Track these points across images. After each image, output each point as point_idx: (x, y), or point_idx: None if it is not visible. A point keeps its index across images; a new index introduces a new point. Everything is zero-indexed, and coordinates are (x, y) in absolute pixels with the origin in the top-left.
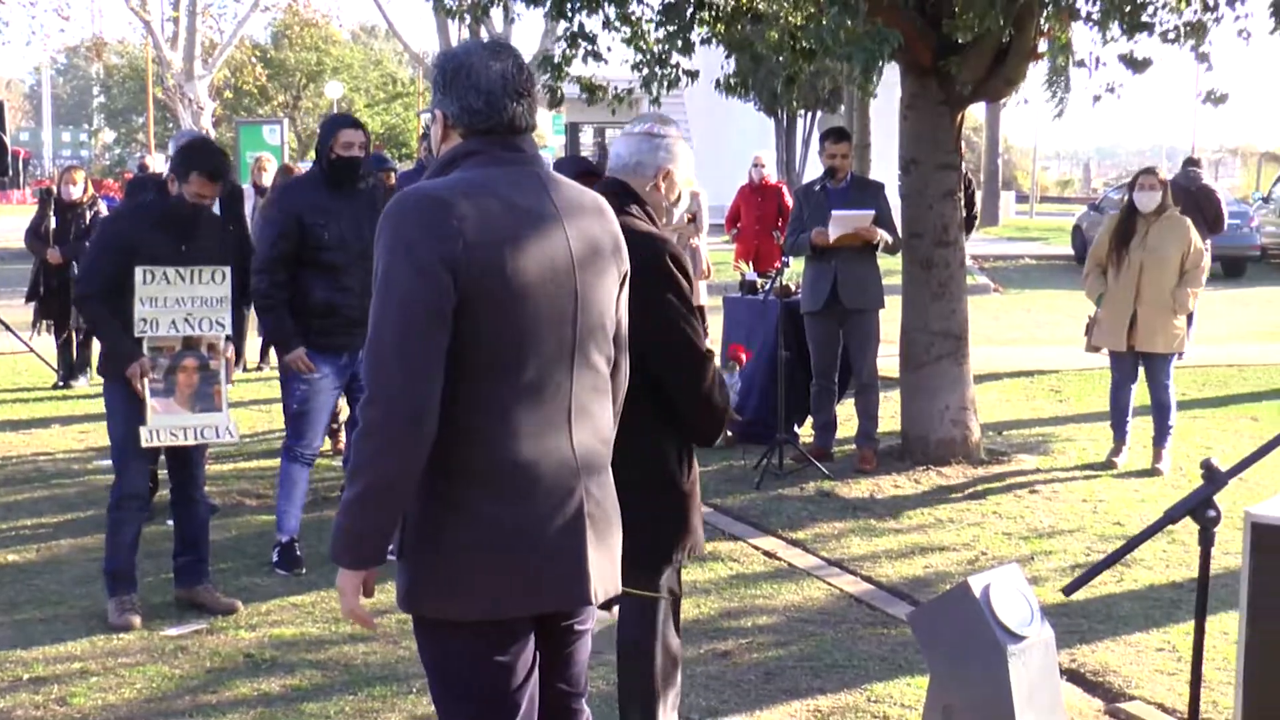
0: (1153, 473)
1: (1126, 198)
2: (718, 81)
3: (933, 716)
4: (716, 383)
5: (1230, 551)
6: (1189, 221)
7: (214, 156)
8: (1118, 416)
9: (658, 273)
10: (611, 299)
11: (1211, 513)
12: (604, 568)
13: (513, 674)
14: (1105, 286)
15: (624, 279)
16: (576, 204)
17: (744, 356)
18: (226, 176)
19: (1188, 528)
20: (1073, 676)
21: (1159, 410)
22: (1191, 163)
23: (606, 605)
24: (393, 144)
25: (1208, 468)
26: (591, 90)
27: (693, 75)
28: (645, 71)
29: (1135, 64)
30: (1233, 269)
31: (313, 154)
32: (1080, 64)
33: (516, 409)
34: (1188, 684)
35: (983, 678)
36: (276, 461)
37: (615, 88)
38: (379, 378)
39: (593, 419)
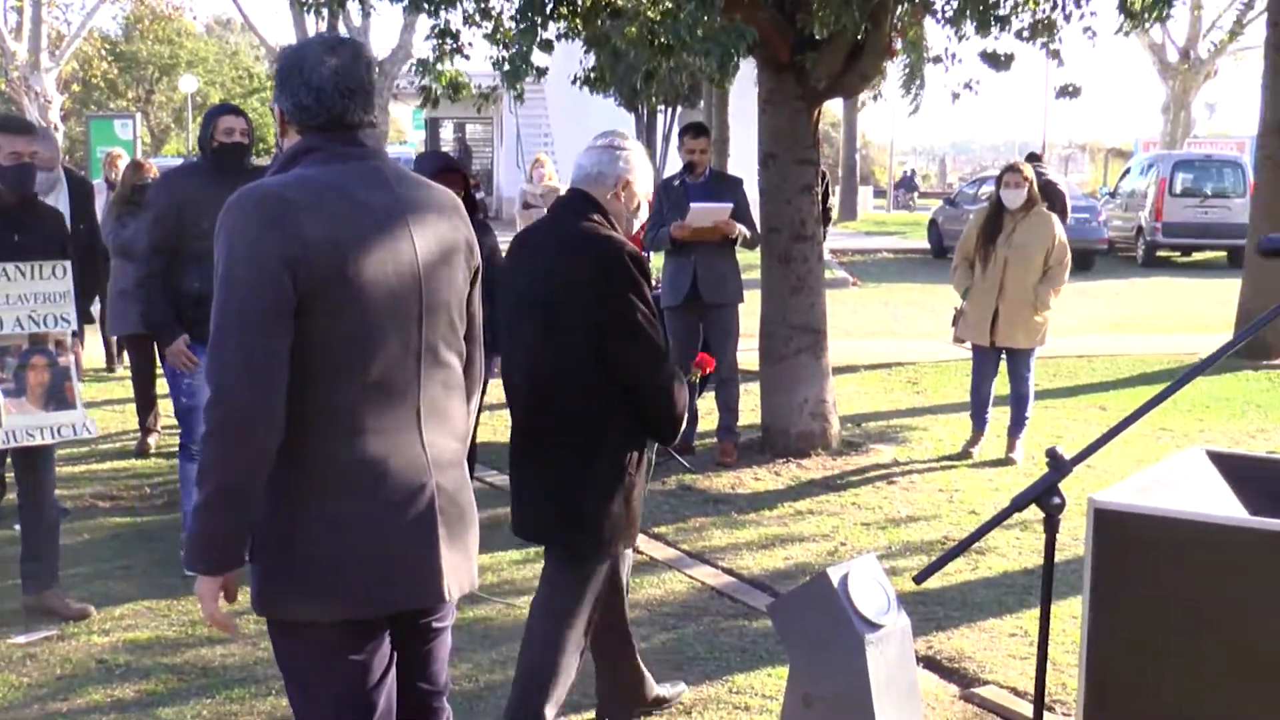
0: (1007, 462)
1: (994, 194)
2: (577, 77)
3: (793, 706)
4: (675, 380)
5: (1080, 538)
6: (1055, 218)
7: (7, 116)
8: (977, 408)
9: (618, 273)
10: (461, 296)
11: (1056, 500)
12: (458, 565)
13: (368, 673)
14: (972, 280)
15: (476, 274)
16: (423, 200)
17: (709, 366)
18: (31, 130)
19: (1039, 515)
20: (929, 663)
21: (1017, 401)
22: (1034, 158)
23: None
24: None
25: (1053, 456)
26: (457, 88)
27: (541, 71)
28: (507, 68)
29: (997, 61)
30: (1081, 262)
31: (168, 149)
32: (937, 60)
33: (363, 408)
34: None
35: (841, 666)
36: (130, 462)
37: (479, 85)
38: (222, 379)
39: (445, 416)
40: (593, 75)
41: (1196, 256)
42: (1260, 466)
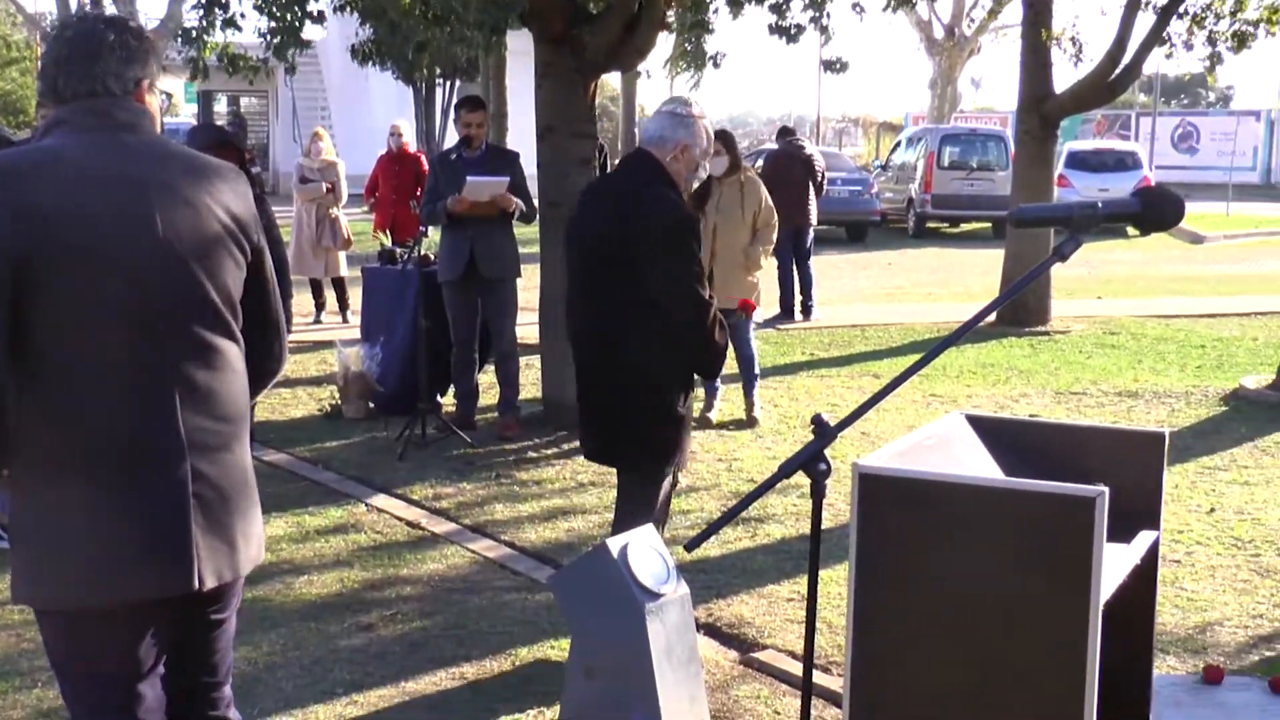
0: (750, 423)
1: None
2: (353, 49)
3: (575, 677)
4: (716, 324)
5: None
6: (760, 182)
7: None
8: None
9: (669, 231)
10: (228, 274)
11: (822, 466)
12: (218, 551)
13: (131, 663)
14: None
15: (257, 254)
16: (177, 174)
17: (751, 309)
18: None
19: None
20: (710, 630)
21: (745, 363)
22: (788, 132)
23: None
24: (8, 111)
25: (818, 423)
26: (234, 61)
27: (305, 44)
28: (277, 40)
29: (786, 34)
30: (855, 234)
31: None
32: (711, 33)
33: (102, 388)
34: (815, 631)
35: (622, 636)
36: None
37: (252, 56)
38: None
39: (209, 400)
40: (369, 48)
41: (964, 227)
42: (1016, 429)
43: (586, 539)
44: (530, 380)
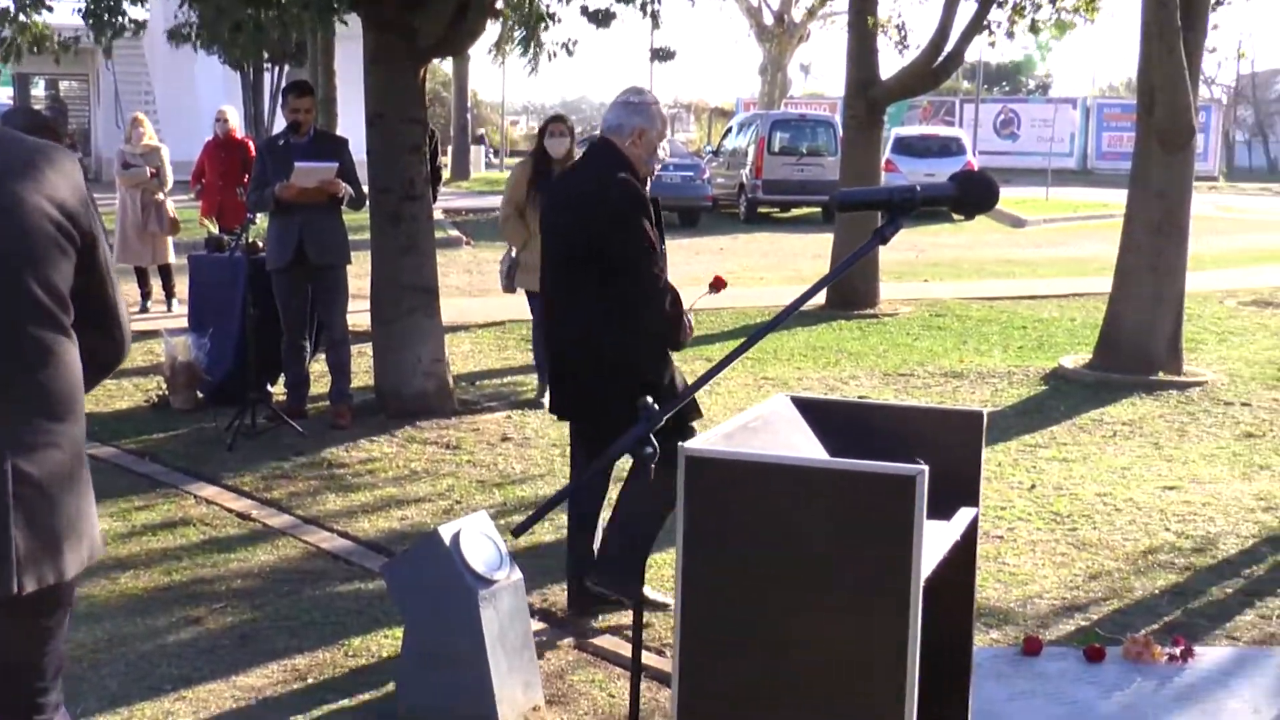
0: None
1: (538, 144)
2: (171, 32)
3: (409, 666)
4: (667, 295)
5: None
6: None
7: None
8: (540, 354)
9: (625, 205)
10: (49, 268)
11: (649, 449)
12: (41, 553)
13: None
14: (526, 230)
15: (82, 238)
16: None
17: (722, 285)
18: None
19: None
20: (544, 615)
21: None
22: None
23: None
24: None
25: (644, 407)
26: (39, 40)
27: (139, 25)
28: (93, 21)
29: (598, 18)
30: (687, 219)
31: None
32: (540, 19)
33: None
34: (649, 613)
35: (456, 623)
36: None
37: (61, 36)
38: None
39: (33, 397)
40: (188, 30)
41: (795, 212)
42: (840, 410)
43: (420, 527)
44: (362, 368)
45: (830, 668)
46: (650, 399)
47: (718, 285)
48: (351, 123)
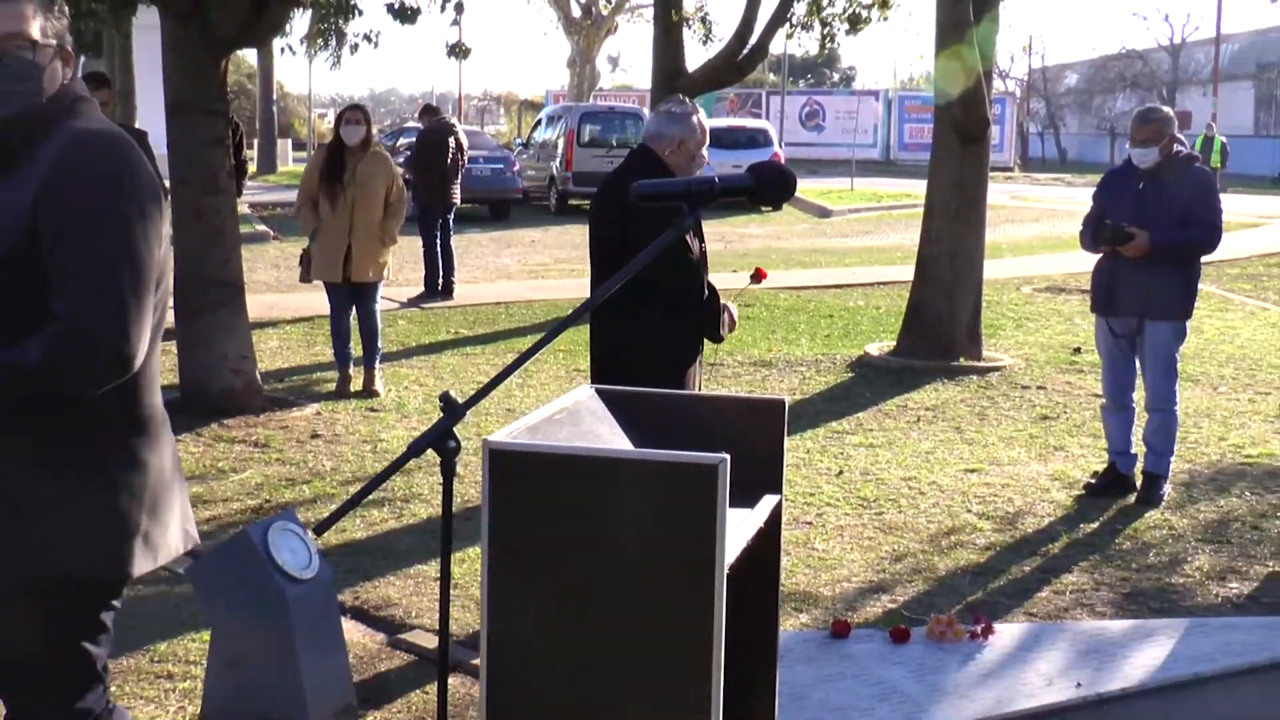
0: (370, 394)
1: (333, 133)
2: None
3: (217, 669)
4: (703, 294)
5: None
6: (389, 157)
7: None
8: (339, 345)
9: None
10: None
11: (452, 443)
12: None
13: None
14: (319, 220)
15: None
16: None
17: (764, 274)
18: None
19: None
20: (356, 613)
21: (368, 335)
22: (432, 111)
23: None
24: None
25: (445, 400)
26: None
27: None
28: None
29: (403, 14)
30: (499, 211)
31: None
32: (341, 12)
33: None
34: (461, 609)
35: (265, 624)
36: None
37: None
38: None
39: None
40: None
41: None
42: (645, 401)
43: (228, 527)
44: (167, 365)
45: (637, 657)
46: (451, 393)
47: (758, 277)
48: (152, 114)
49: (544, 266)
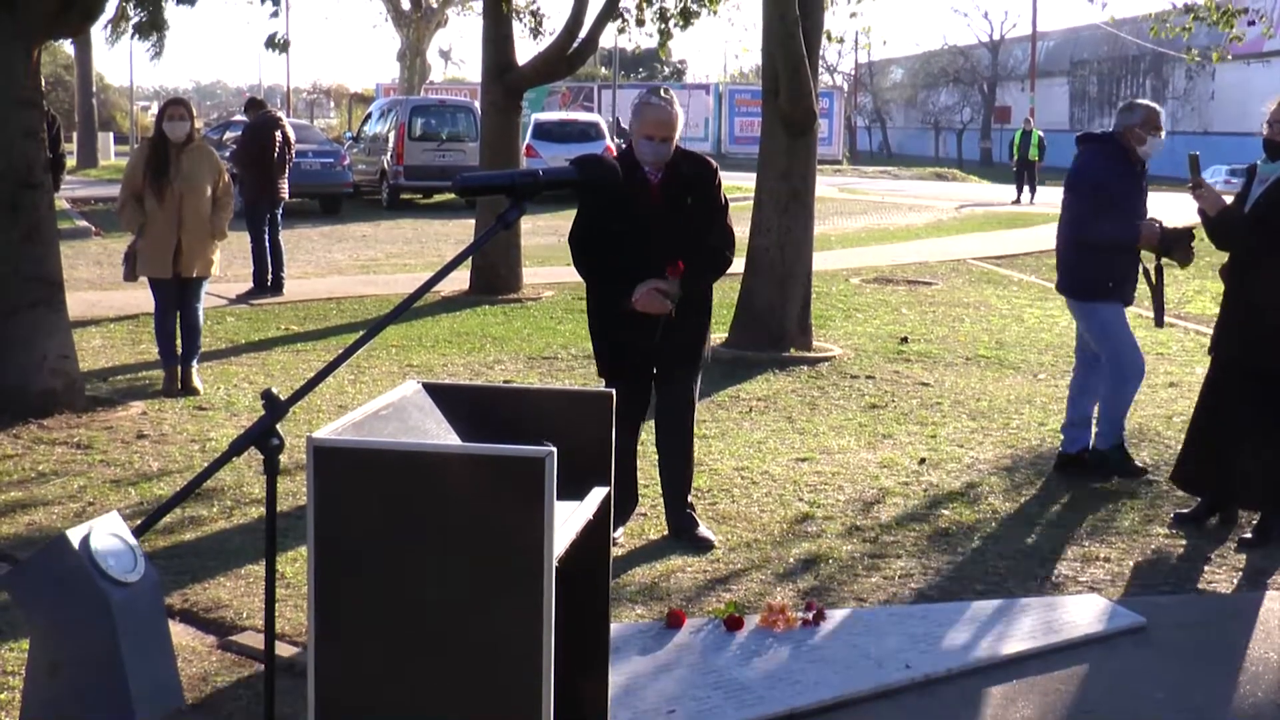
0: (190, 391)
1: (156, 128)
2: None
3: (37, 677)
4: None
5: None
6: (214, 151)
7: None
8: (165, 343)
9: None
10: None
11: (275, 441)
12: None
13: None
14: (144, 216)
15: None
16: None
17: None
18: None
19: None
20: (185, 616)
21: (190, 332)
22: (258, 104)
23: None
24: None
25: (268, 398)
26: None
27: None
28: None
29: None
30: (329, 206)
31: None
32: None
33: None
34: (295, 609)
35: (88, 630)
36: None
37: None
38: None
39: None
40: None
41: (437, 198)
42: (473, 395)
43: (49, 532)
44: None
45: (467, 651)
46: (275, 390)
47: (677, 270)
48: None
49: (375, 261)
